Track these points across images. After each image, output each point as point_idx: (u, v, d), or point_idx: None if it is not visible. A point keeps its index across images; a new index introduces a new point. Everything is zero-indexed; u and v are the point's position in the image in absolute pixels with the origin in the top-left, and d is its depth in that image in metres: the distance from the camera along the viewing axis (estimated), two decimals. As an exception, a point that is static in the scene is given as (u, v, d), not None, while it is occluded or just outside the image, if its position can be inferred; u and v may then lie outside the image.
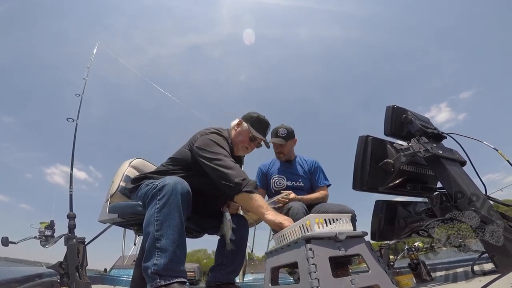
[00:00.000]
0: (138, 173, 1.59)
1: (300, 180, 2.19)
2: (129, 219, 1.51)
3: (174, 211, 1.17)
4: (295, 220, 1.21)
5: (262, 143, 1.65)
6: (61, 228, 1.75)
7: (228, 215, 1.50)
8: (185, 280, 1.14)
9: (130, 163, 1.81)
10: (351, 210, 1.78)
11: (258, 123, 1.61)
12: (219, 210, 1.61)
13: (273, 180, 2.21)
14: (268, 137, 1.76)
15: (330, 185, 2.23)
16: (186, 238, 1.69)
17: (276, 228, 1.21)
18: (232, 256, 1.58)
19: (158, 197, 1.19)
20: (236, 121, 1.65)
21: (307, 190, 2.19)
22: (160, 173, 1.48)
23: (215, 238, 1.69)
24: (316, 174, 2.24)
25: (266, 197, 2.20)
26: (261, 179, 2.30)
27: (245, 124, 1.60)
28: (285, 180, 2.18)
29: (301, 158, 2.34)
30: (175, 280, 1.10)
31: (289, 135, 2.19)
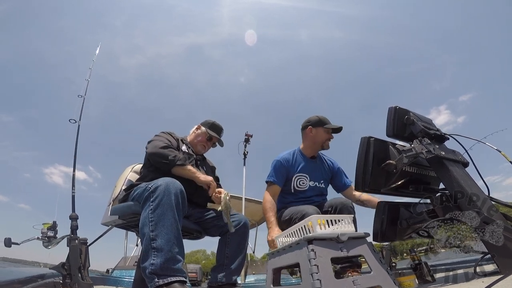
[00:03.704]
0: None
1: (322, 182, 1.97)
2: (130, 221, 1.53)
3: (167, 211, 1.20)
4: None
5: (217, 142, 1.92)
6: (63, 229, 1.75)
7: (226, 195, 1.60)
8: (185, 280, 1.15)
9: (133, 168, 1.86)
10: (349, 201, 1.78)
11: (214, 128, 1.90)
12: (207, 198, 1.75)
13: (296, 178, 1.91)
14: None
15: None
16: (187, 239, 1.71)
17: (205, 184, 1.52)
18: (233, 257, 1.59)
19: (152, 199, 1.22)
20: (195, 126, 1.94)
21: (325, 194, 2.02)
22: (142, 179, 1.58)
23: (215, 239, 1.70)
24: (342, 174, 2.06)
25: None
26: (279, 173, 1.90)
27: (203, 128, 1.88)
28: (308, 179, 1.92)
29: (323, 155, 2.09)
30: (175, 279, 1.10)
31: None
